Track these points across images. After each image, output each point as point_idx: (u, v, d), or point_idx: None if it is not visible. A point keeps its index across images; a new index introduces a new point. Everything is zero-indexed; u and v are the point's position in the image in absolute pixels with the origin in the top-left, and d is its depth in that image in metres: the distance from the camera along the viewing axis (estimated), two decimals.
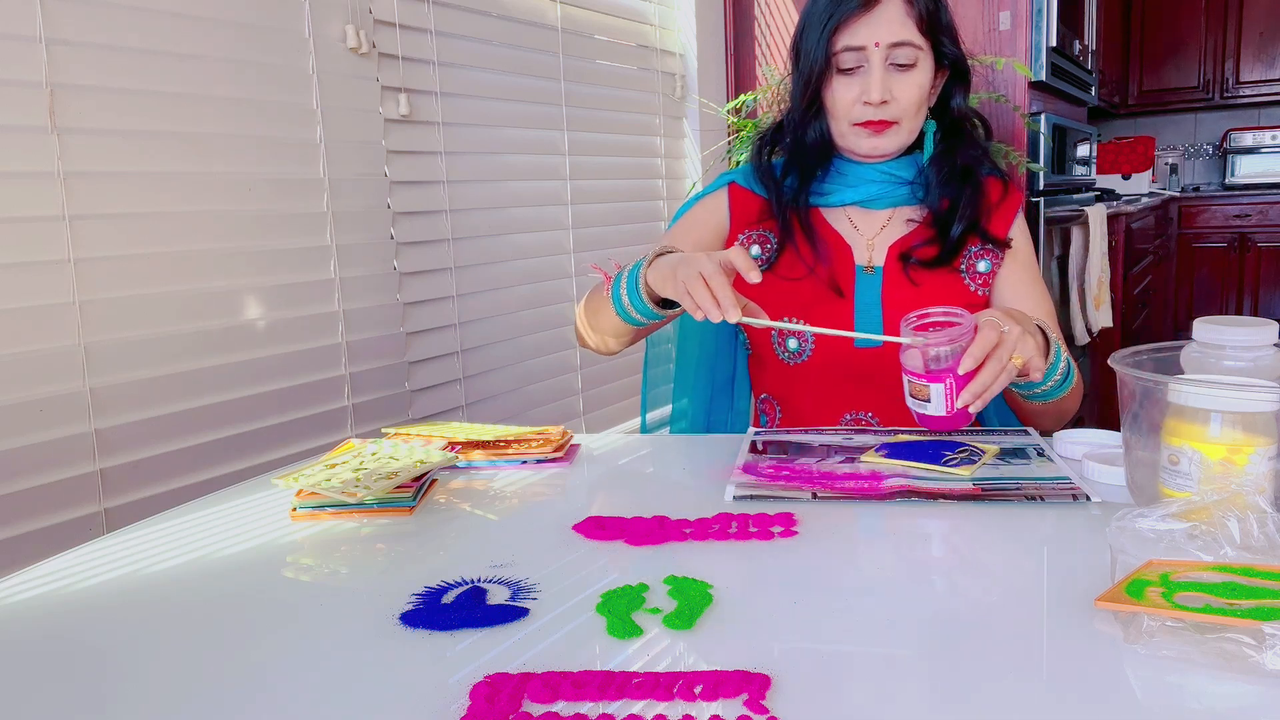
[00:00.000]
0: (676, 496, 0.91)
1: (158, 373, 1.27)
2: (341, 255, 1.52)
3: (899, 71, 1.13)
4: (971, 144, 1.21)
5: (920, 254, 1.19)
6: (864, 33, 1.12)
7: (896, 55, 1.12)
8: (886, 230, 1.22)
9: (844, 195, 1.22)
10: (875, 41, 1.11)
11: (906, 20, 1.12)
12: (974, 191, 1.19)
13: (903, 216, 1.23)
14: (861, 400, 1.18)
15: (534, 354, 1.97)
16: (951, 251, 1.19)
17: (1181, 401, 0.71)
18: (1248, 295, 4.84)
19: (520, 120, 1.91)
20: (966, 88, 1.21)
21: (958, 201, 1.19)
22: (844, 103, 1.15)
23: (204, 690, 0.56)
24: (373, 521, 0.85)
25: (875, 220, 1.23)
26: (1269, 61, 4.89)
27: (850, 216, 1.24)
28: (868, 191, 1.21)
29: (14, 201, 1.12)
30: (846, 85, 1.15)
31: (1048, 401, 1.06)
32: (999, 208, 1.22)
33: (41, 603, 0.70)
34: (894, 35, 1.11)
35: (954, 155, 1.20)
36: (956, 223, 1.18)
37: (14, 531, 1.12)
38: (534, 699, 0.52)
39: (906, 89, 1.14)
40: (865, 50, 1.12)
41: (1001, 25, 2.39)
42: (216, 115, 1.32)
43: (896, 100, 1.14)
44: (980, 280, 1.20)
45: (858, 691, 0.52)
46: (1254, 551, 0.61)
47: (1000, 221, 1.22)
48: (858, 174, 1.21)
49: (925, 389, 0.90)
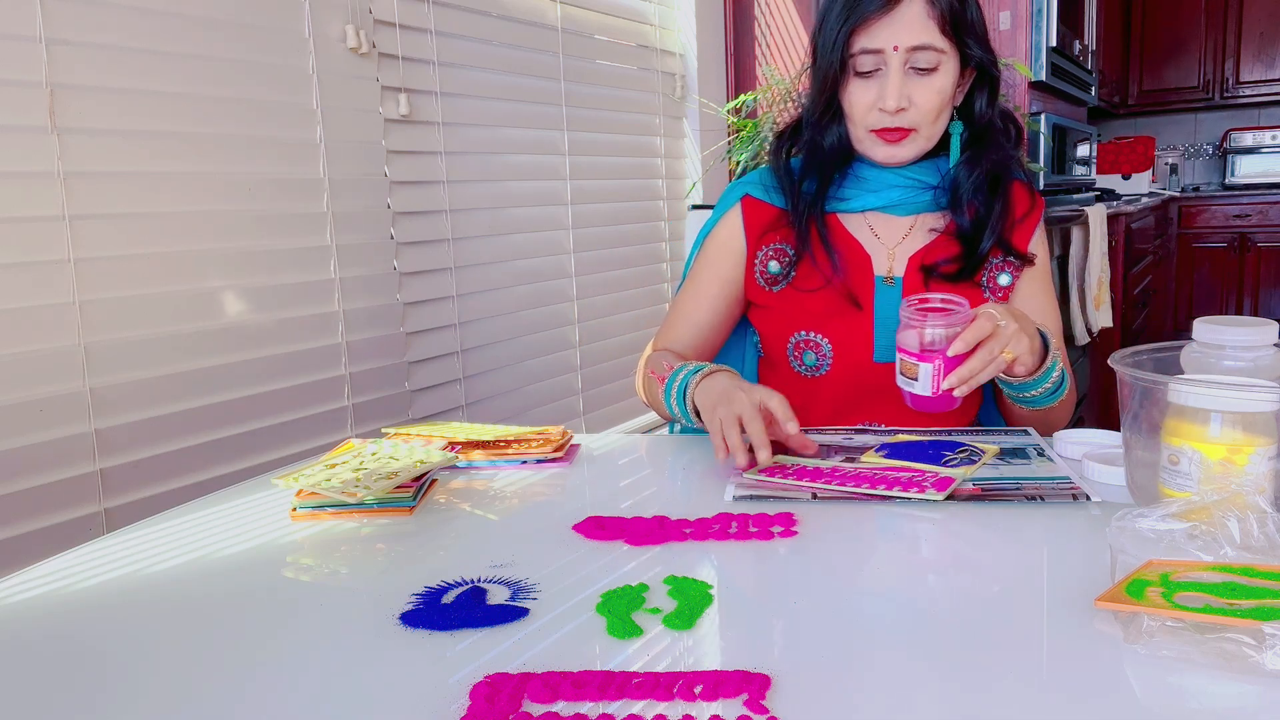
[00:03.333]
0: (676, 496, 0.91)
1: (158, 373, 1.27)
2: (341, 255, 1.52)
3: (919, 76, 1.08)
4: (999, 149, 1.15)
5: (946, 268, 1.15)
6: (883, 35, 1.06)
7: (916, 59, 1.07)
8: (909, 239, 1.18)
9: (864, 200, 1.17)
10: (894, 45, 1.06)
11: (928, 22, 1.06)
12: (1004, 205, 1.15)
13: (925, 225, 1.18)
14: (877, 413, 1.15)
15: (534, 354, 1.96)
16: (975, 266, 1.15)
17: (1181, 401, 0.71)
18: (1248, 295, 4.84)
19: (520, 120, 1.91)
20: (995, 89, 1.16)
21: (986, 214, 1.14)
22: (860, 107, 1.10)
23: (204, 690, 0.55)
24: (373, 521, 0.85)
25: (897, 228, 1.18)
26: (1269, 61, 4.89)
27: (871, 224, 1.19)
28: (889, 197, 1.16)
29: (14, 201, 1.12)
30: (863, 89, 1.10)
31: (1036, 409, 1.05)
32: (1024, 221, 1.19)
33: (41, 603, 0.70)
34: (914, 38, 1.06)
35: (980, 161, 1.14)
36: (986, 238, 1.14)
37: (14, 531, 1.12)
38: (534, 699, 0.52)
39: (926, 95, 1.08)
40: (883, 53, 1.07)
41: (1001, 25, 2.39)
42: (216, 115, 1.32)
43: (916, 106, 1.09)
44: (1001, 294, 1.17)
45: (858, 691, 0.52)
46: (1254, 551, 0.61)
47: (1024, 234, 1.18)
48: (879, 179, 1.16)
49: (915, 368, 0.94)
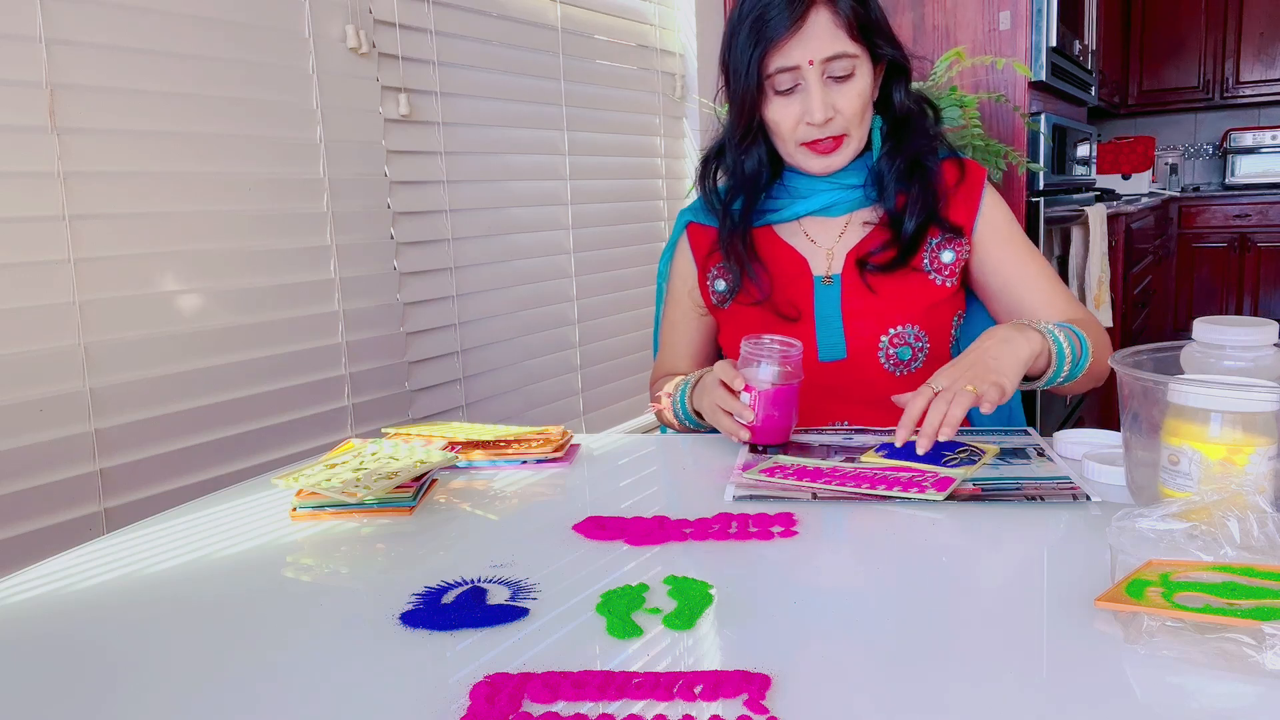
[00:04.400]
0: (676, 496, 0.91)
1: (158, 373, 1.27)
2: (341, 255, 1.52)
3: (837, 84, 1.10)
4: (920, 134, 1.17)
5: (878, 258, 1.16)
6: (796, 52, 1.08)
7: (832, 68, 1.09)
8: (844, 237, 1.20)
9: (796, 208, 1.20)
10: (809, 59, 1.08)
11: (837, 31, 1.08)
12: (924, 184, 1.15)
13: (859, 220, 1.20)
14: (836, 412, 1.17)
15: (534, 354, 1.96)
16: (908, 251, 1.15)
17: (1181, 401, 0.71)
18: (1248, 295, 4.84)
19: (520, 120, 1.91)
20: (907, 79, 1.17)
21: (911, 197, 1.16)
22: (786, 124, 1.12)
23: (204, 690, 0.55)
24: (373, 521, 0.85)
25: (832, 228, 1.20)
26: (1269, 61, 4.89)
27: (806, 229, 1.21)
28: (820, 201, 1.19)
29: (14, 201, 1.11)
30: (785, 106, 1.11)
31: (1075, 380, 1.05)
32: (957, 190, 1.18)
33: (41, 603, 0.70)
34: (827, 49, 1.08)
35: (902, 150, 1.16)
36: (908, 219, 1.14)
37: (14, 531, 1.12)
38: (534, 699, 0.52)
39: (848, 100, 1.10)
40: (800, 69, 1.09)
41: (1001, 25, 2.39)
42: (216, 115, 1.32)
43: (840, 113, 1.11)
44: (946, 271, 1.17)
45: (858, 691, 0.52)
46: (1254, 551, 0.61)
47: (961, 206, 1.18)
48: (808, 185, 1.19)
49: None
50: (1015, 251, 1.19)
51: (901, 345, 1.15)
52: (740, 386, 0.99)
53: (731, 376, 1.00)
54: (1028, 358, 0.97)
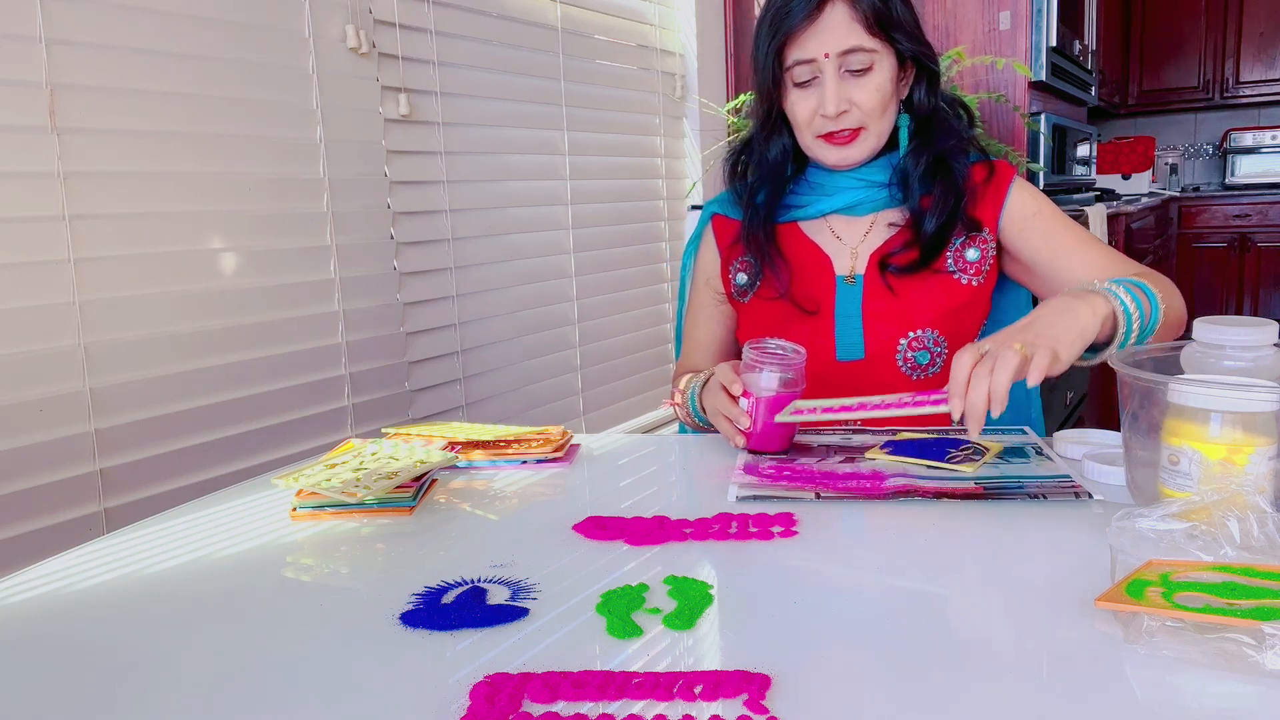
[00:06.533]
0: (676, 496, 0.91)
1: (158, 373, 1.27)
2: (341, 255, 1.52)
3: (855, 77, 1.10)
4: (947, 134, 1.16)
5: (899, 259, 1.15)
6: (812, 44, 1.09)
7: (849, 62, 1.09)
8: (869, 237, 1.19)
9: (822, 205, 1.20)
10: (824, 52, 1.09)
11: (854, 24, 1.08)
12: (948, 184, 1.14)
13: (885, 221, 1.20)
14: None
15: (534, 354, 1.96)
16: (931, 252, 1.15)
17: (1181, 401, 0.71)
18: (1248, 295, 4.84)
19: (520, 120, 1.91)
20: (934, 79, 1.17)
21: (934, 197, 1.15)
22: (804, 116, 1.13)
23: (204, 690, 0.55)
24: (373, 521, 0.85)
25: (858, 227, 1.20)
26: (1269, 61, 4.89)
27: (832, 226, 1.21)
28: (845, 199, 1.19)
29: (14, 201, 1.11)
30: (803, 98, 1.13)
31: (1145, 341, 0.94)
32: (983, 189, 1.17)
33: (41, 603, 0.70)
34: (843, 43, 1.09)
35: (928, 149, 1.15)
36: (929, 219, 1.14)
37: (14, 531, 1.12)
38: (534, 699, 0.52)
39: (865, 94, 1.10)
40: (816, 62, 1.10)
41: (1001, 25, 2.39)
42: (216, 115, 1.32)
43: (857, 106, 1.11)
44: (973, 270, 1.16)
45: (858, 691, 0.52)
46: (1254, 551, 0.61)
47: (987, 202, 1.16)
48: (834, 183, 1.19)
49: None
50: (1051, 225, 1.15)
51: (920, 349, 1.15)
52: (739, 392, 0.99)
53: (731, 381, 1.00)
54: (1090, 325, 0.88)
